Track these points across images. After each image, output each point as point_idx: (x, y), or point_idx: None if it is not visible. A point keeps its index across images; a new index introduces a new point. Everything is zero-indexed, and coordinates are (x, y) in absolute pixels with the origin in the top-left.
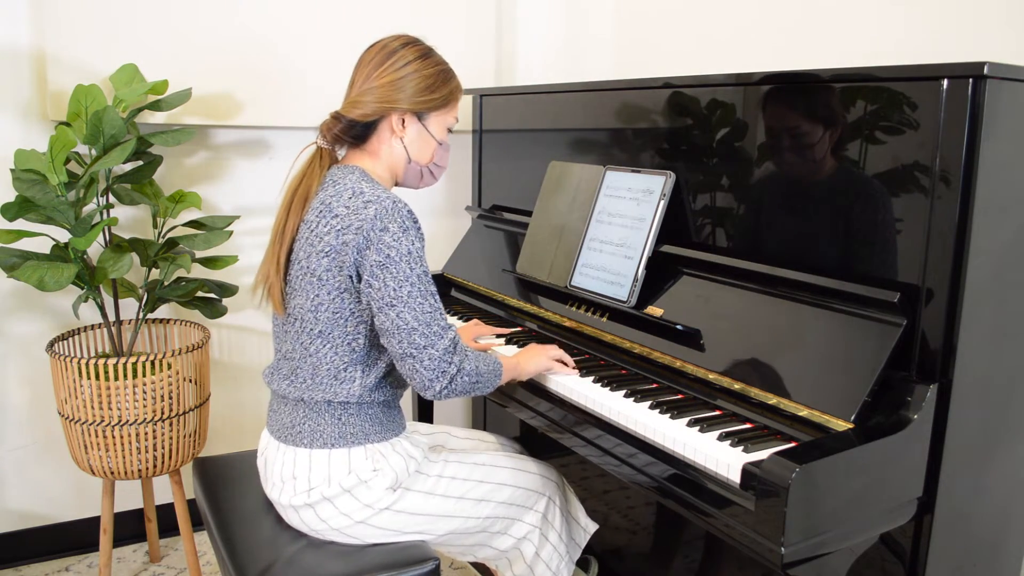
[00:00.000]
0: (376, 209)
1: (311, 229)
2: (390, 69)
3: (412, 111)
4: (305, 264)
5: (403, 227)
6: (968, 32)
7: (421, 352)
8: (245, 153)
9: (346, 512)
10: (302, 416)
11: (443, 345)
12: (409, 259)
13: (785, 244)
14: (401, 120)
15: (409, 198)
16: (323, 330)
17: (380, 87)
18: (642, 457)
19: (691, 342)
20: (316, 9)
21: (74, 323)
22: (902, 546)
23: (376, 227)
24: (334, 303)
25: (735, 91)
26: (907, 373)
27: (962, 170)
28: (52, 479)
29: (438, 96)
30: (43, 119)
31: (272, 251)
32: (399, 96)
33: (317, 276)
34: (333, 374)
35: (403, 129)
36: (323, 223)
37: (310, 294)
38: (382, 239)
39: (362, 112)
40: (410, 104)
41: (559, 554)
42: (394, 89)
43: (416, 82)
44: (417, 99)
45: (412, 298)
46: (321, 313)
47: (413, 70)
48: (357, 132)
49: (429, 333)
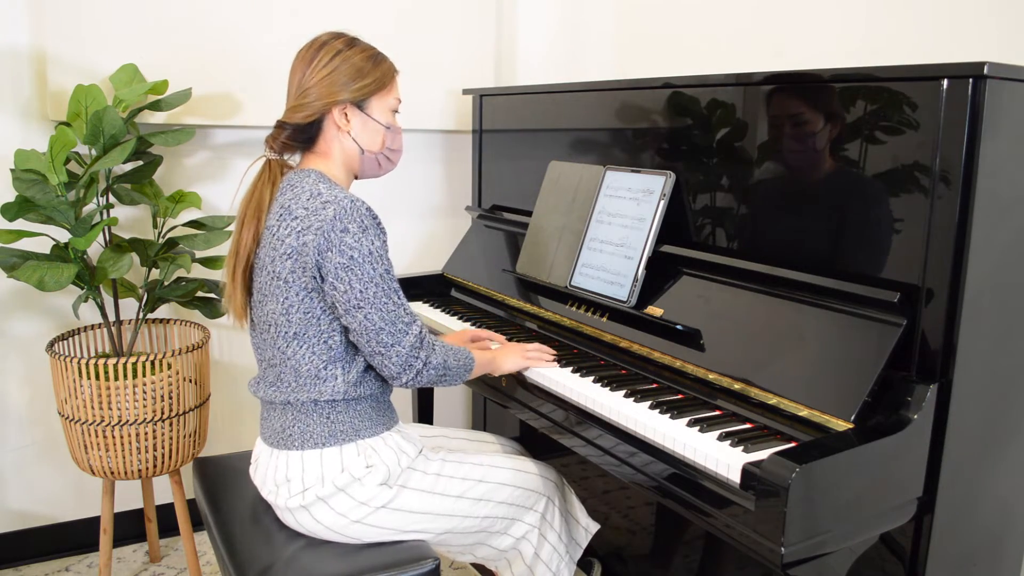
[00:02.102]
0: (335, 210)
1: (273, 234)
2: (319, 65)
3: (351, 101)
4: (270, 268)
5: (362, 227)
6: (968, 32)
7: (389, 350)
8: (245, 153)
9: (342, 512)
10: (291, 419)
11: (409, 341)
12: (371, 259)
13: (785, 244)
14: (343, 114)
15: (407, 198)
16: (297, 332)
17: (314, 86)
18: (642, 457)
19: (691, 342)
20: (316, 10)
21: (74, 323)
22: (902, 546)
23: (336, 228)
24: (303, 304)
25: (735, 91)
26: (907, 373)
27: (962, 170)
28: (52, 479)
29: (371, 80)
30: (43, 119)
31: (229, 263)
32: (334, 90)
33: (283, 279)
34: (314, 374)
35: (347, 122)
36: (284, 225)
37: (279, 297)
38: (343, 240)
39: (303, 114)
40: (348, 95)
41: (559, 554)
42: (328, 84)
43: (347, 72)
44: (352, 87)
45: (377, 298)
46: (293, 315)
47: (341, 60)
48: (306, 136)
49: (395, 331)
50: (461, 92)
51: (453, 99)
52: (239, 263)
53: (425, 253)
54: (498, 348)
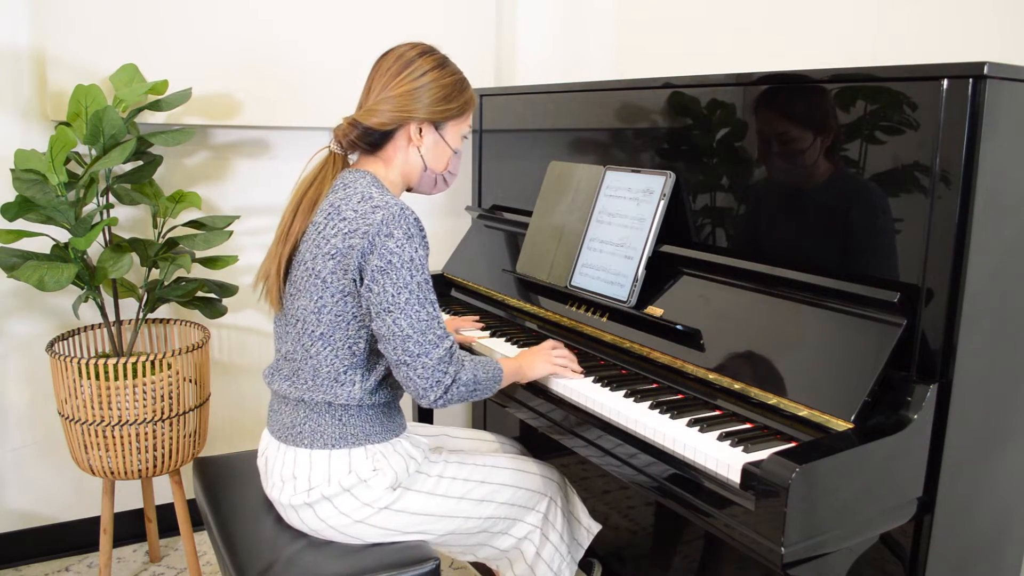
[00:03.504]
0: (384, 215)
1: (318, 231)
2: (408, 79)
3: (430, 120)
4: (311, 265)
5: (408, 234)
6: (968, 32)
7: (415, 360)
8: (245, 153)
9: (345, 511)
10: (303, 416)
11: (437, 354)
12: (410, 266)
13: (785, 244)
14: (419, 129)
15: (407, 198)
16: (324, 332)
17: (398, 96)
18: (642, 457)
19: (691, 342)
20: (316, 9)
21: (74, 323)
22: (902, 546)
23: (382, 232)
24: (337, 306)
25: (735, 91)
26: (907, 373)
27: (962, 170)
28: (52, 479)
29: (455, 106)
30: (43, 119)
31: (275, 251)
32: (417, 106)
33: (322, 278)
34: (333, 376)
35: (420, 138)
36: (331, 225)
37: (314, 296)
38: (386, 244)
39: (379, 120)
40: (427, 114)
41: (560, 554)
42: (412, 99)
43: (433, 92)
44: (434, 109)
45: (409, 305)
46: (324, 315)
47: (430, 80)
48: (373, 139)
49: (424, 341)
50: None
51: None
52: (285, 250)
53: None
54: (521, 354)
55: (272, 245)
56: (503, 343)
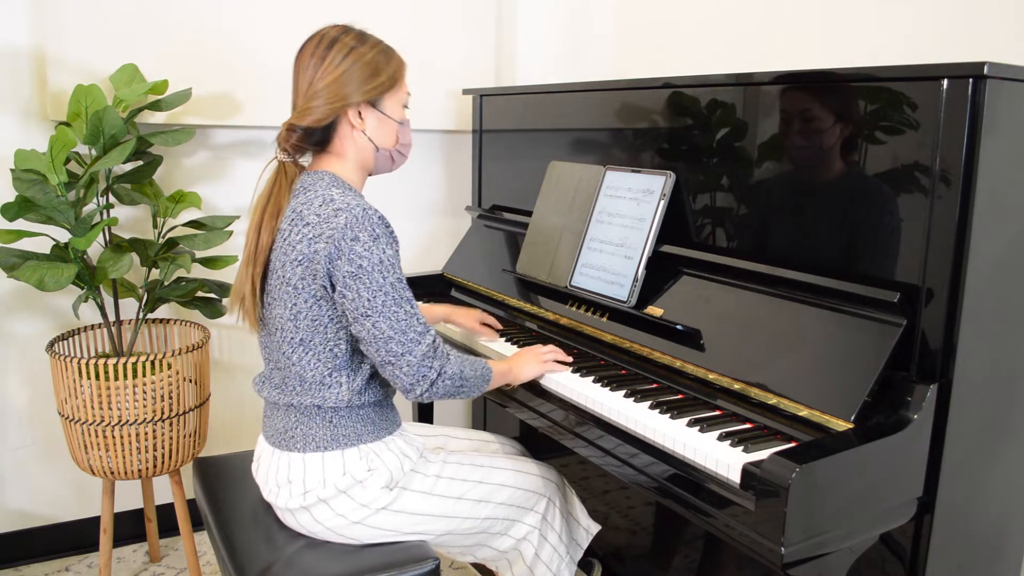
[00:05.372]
0: (347, 218)
1: (284, 238)
2: (330, 68)
3: (366, 101)
4: (281, 273)
5: (374, 236)
6: (968, 32)
7: (399, 359)
8: (245, 153)
9: (342, 513)
10: (294, 421)
11: (420, 351)
12: (381, 268)
13: (785, 244)
14: (358, 113)
15: (407, 198)
16: (304, 338)
17: (325, 88)
18: (642, 457)
19: (691, 342)
20: (317, 10)
21: (74, 323)
22: (902, 546)
23: (347, 236)
24: (312, 311)
25: (735, 91)
26: (907, 373)
27: (962, 170)
28: (52, 479)
29: (384, 79)
30: (43, 119)
31: (245, 271)
32: (347, 91)
33: (292, 285)
34: (319, 380)
35: (362, 121)
36: (295, 231)
37: (288, 303)
38: (353, 249)
39: (315, 118)
40: (361, 95)
41: (559, 555)
42: (341, 86)
43: (360, 72)
44: (366, 88)
45: (386, 307)
46: (300, 322)
47: (352, 61)
48: (317, 138)
49: (405, 340)
50: (461, 92)
51: (453, 99)
52: (256, 267)
53: (425, 253)
54: (513, 356)
55: (241, 266)
56: (503, 343)
